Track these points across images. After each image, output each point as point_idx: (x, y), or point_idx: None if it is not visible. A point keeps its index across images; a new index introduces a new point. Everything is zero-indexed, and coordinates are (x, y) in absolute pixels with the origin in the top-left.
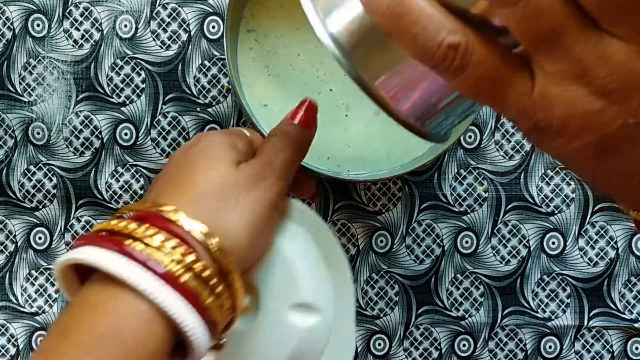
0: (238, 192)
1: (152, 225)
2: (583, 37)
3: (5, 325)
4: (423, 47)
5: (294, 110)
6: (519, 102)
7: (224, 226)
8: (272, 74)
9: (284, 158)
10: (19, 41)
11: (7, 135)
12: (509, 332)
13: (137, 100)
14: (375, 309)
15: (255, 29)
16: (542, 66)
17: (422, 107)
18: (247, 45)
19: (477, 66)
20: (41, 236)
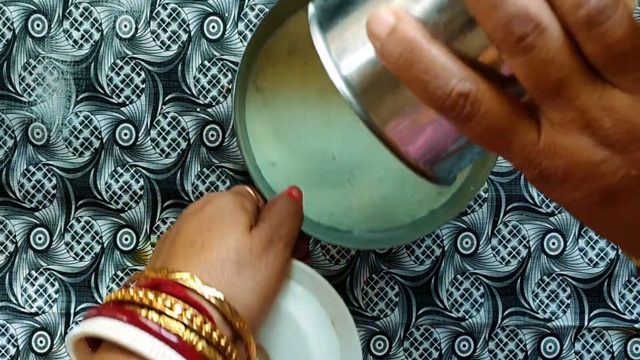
0: (251, 258)
1: (169, 294)
2: (588, 88)
3: (5, 325)
4: (434, 94)
5: (287, 190)
6: (525, 151)
7: (238, 292)
8: (279, 133)
9: (289, 224)
10: (19, 41)
11: (6, 136)
12: (509, 332)
13: (137, 100)
14: (375, 309)
15: (264, 90)
16: (549, 116)
17: (431, 151)
18: (255, 105)
19: (486, 115)
20: (41, 236)
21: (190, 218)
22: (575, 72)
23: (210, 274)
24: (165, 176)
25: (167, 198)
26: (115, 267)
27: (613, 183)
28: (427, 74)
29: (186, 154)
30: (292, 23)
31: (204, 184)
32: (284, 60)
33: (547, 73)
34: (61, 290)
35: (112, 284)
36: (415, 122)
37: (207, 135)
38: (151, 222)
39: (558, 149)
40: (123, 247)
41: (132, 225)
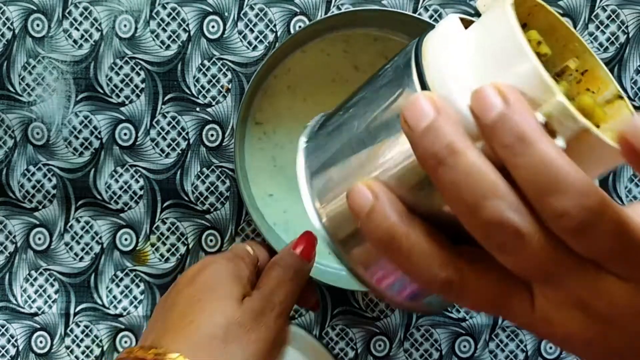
0: (241, 333)
1: None
2: (580, 275)
3: (5, 325)
4: (418, 277)
5: (297, 240)
6: (521, 320)
7: None
8: (277, 166)
9: (285, 292)
10: (19, 41)
11: (6, 136)
12: (509, 333)
13: (137, 100)
14: (375, 310)
15: (263, 123)
16: (541, 291)
17: (413, 291)
18: (255, 136)
19: (474, 293)
20: (41, 237)
21: (183, 290)
22: (562, 264)
23: (196, 353)
24: (165, 176)
25: (166, 198)
26: (114, 267)
27: (614, 350)
28: (407, 261)
29: (186, 153)
30: (291, 61)
31: (203, 184)
32: (283, 95)
33: (532, 267)
34: (61, 291)
35: (111, 284)
36: (394, 269)
37: (207, 135)
38: (151, 222)
39: (554, 321)
40: (123, 247)
41: (131, 226)
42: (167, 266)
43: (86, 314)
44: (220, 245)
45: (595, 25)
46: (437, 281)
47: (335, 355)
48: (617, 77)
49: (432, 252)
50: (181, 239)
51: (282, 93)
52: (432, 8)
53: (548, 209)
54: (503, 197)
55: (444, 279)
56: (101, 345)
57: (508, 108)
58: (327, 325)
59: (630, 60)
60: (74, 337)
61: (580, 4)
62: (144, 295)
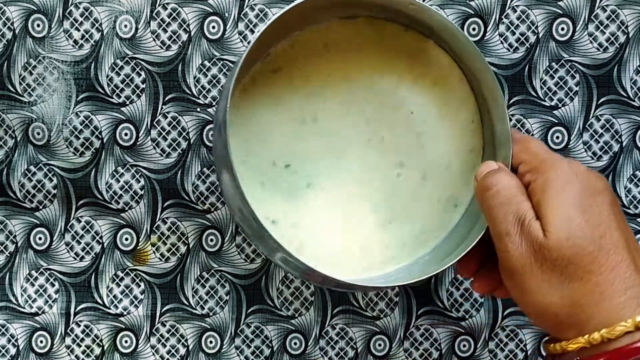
0: None
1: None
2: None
3: (6, 325)
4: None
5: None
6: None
7: None
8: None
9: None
10: (19, 41)
11: (7, 136)
12: (509, 332)
13: (137, 100)
14: (375, 309)
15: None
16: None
17: None
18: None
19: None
20: (41, 236)
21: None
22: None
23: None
24: (166, 176)
25: (167, 198)
26: (115, 267)
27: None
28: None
29: (186, 153)
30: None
31: (204, 184)
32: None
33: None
34: (61, 290)
35: (112, 284)
36: None
37: (208, 135)
38: (151, 222)
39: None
40: (123, 247)
41: (132, 225)
42: (168, 266)
43: (86, 314)
44: (220, 245)
45: (595, 25)
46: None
47: (335, 354)
48: (617, 77)
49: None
50: (182, 238)
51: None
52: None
53: None
54: None
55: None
56: (102, 344)
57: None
58: (327, 325)
59: (630, 60)
60: (74, 336)
61: (580, 4)
62: (145, 295)
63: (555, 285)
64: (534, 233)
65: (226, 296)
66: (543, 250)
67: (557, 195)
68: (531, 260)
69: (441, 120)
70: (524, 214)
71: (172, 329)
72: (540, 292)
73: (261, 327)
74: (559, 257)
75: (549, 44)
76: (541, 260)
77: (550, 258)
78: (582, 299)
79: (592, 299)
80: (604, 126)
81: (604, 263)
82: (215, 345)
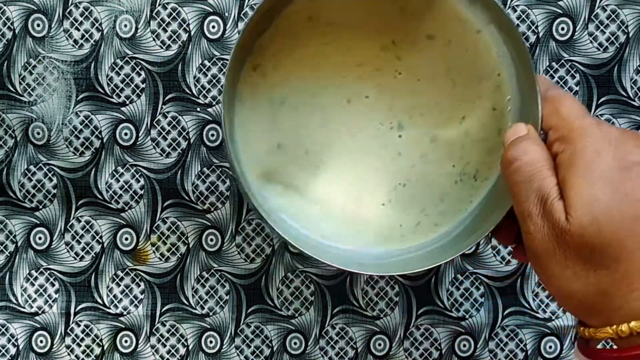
0: None
1: None
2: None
3: (6, 325)
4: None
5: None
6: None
7: None
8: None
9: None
10: (19, 41)
11: (7, 135)
12: (509, 332)
13: (137, 100)
14: (375, 309)
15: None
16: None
17: None
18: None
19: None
20: (41, 236)
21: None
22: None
23: None
24: (166, 176)
25: (167, 197)
26: (115, 266)
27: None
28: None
29: (186, 153)
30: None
31: (204, 184)
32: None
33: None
34: (61, 290)
35: (112, 284)
36: None
37: (207, 134)
38: (151, 222)
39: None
40: (123, 246)
41: (132, 225)
42: (168, 265)
43: (86, 314)
44: (220, 245)
45: (595, 25)
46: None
47: (335, 354)
48: (617, 77)
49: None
50: (181, 238)
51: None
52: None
53: None
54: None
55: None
56: (101, 344)
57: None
58: (327, 325)
59: (630, 60)
60: (74, 336)
61: (580, 4)
62: (144, 295)
63: (579, 272)
64: (556, 215)
65: (226, 296)
66: (565, 235)
67: (582, 173)
68: (554, 245)
69: (452, 74)
70: (547, 193)
71: (172, 328)
72: (564, 278)
73: (261, 326)
74: (582, 244)
75: (549, 44)
76: (564, 246)
77: (572, 244)
78: (609, 289)
79: (620, 290)
80: None
81: (635, 250)
82: (215, 345)
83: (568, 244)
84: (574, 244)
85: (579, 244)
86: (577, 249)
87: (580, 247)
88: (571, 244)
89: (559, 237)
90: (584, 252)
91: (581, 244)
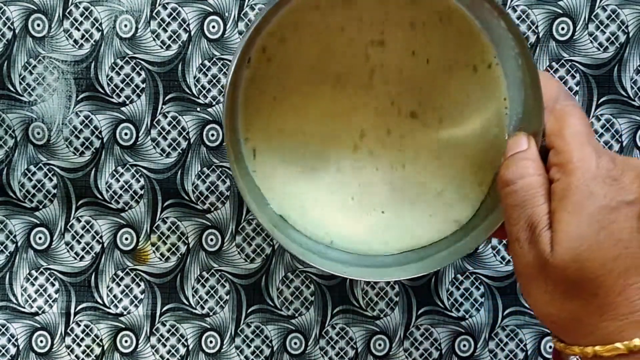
0: None
1: None
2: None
3: (6, 325)
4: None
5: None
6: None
7: None
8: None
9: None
10: (19, 41)
11: (7, 135)
12: (509, 332)
13: (137, 100)
14: (375, 309)
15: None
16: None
17: None
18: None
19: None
20: (41, 236)
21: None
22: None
23: None
24: (166, 176)
25: (167, 197)
26: (115, 266)
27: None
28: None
29: (186, 153)
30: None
31: (204, 184)
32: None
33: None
34: (61, 290)
35: (112, 284)
36: None
37: (208, 135)
38: (151, 222)
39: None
40: (123, 246)
41: (132, 225)
42: (168, 265)
43: (87, 314)
44: (220, 245)
45: (595, 25)
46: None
47: (335, 354)
48: (617, 77)
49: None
50: (182, 238)
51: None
52: None
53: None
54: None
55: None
56: (102, 344)
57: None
58: (327, 325)
59: (630, 60)
60: (74, 336)
61: (580, 4)
62: (145, 295)
63: (557, 299)
64: (542, 246)
65: (226, 296)
66: (547, 266)
67: (573, 209)
68: (536, 271)
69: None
70: (538, 222)
71: (172, 328)
72: (542, 301)
73: (261, 326)
74: (562, 277)
75: (549, 44)
76: (545, 274)
77: (553, 275)
78: (582, 317)
79: (592, 319)
80: (604, 126)
81: (611, 287)
82: (215, 345)
83: (549, 274)
84: (555, 275)
85: (560, 276)
86: (558, 280)
87: (560, 279)
88: (552, 275)
89: (542, 266)
90: (563, 283)
91: (562, 277)
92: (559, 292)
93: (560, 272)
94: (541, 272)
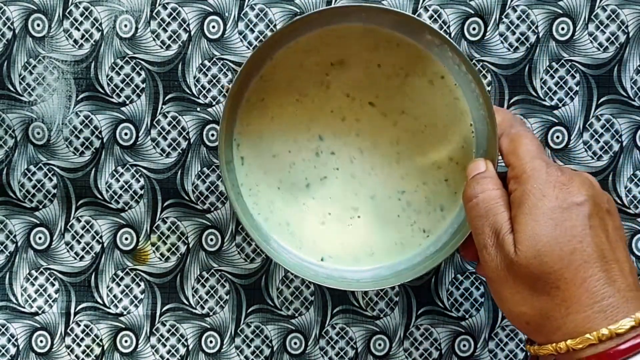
0: None
1: None
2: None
3: (6, 325)
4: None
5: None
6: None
7: None
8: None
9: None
10: (19, 41)
11: (7, 135)
12: (509, 332)
13: (137, 100)
14: (375, 309)
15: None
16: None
17: None
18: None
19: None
20: (41, 236)
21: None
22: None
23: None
24: (166, 176)
25: (167, 197)
26: (115, 266)
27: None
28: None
29: (186, 153)
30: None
31: (204, 184)
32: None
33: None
34: (61, 290)
35: (112, 284)
36: None
37: (207, 134)
38: (151, 222)
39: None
40: (123, 246)
41: (132, 225)
42: (168, 265)
43: (86, 314)
44: (220, 245)
45: (595, 25)
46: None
47: (335, 354)
48: (617, 77)
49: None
50: (181, 238)
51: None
52: (432, 8)
53: None
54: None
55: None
56: (101, 344)
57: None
58: (327, 325)
59: (630, 60)
60: (74, 336)
61: (580, 4)
62: (145, 295)
63: (526, 297)
64: (506, 248)
65: (226, 296)
66: (513, 265)
67: (529, 211)
68: (505, 273)
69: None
70: (500, 227)
71: (172, 328)
72: (514, 302)
73: (261, 326)
74: (527, 274)
75: (549, 44)
76: (513, 274)
77: (519, 273)
78: (550, 312)
79: (559, 313)
80: (604, 126)
81: (572, 279)
82: (215, 345)
83: (516, 272)
84: (521, 273)
85: (525, 274)
86: (524, 277)
87: (526, 276)
88: (518, 273)
89: (509, 266)
90: (529, 280)
91: (527, 274)
92: (527, 289)
93: (525, 269)
94: (509, 273)
